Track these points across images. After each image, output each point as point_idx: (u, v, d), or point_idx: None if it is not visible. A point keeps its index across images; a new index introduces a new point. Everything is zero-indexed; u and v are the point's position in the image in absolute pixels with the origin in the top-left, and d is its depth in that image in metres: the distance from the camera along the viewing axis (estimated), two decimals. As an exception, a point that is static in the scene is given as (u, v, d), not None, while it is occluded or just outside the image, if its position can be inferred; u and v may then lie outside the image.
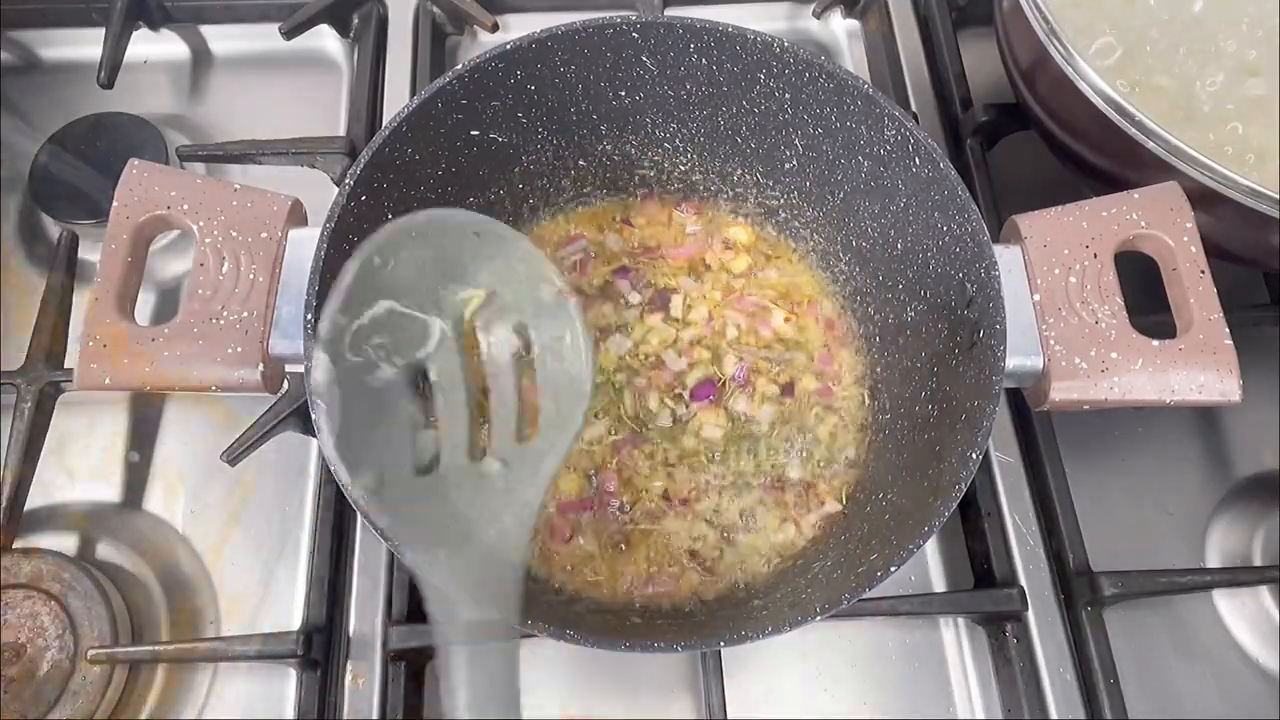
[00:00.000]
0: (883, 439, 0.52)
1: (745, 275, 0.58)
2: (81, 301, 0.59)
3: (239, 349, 0.44)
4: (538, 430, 0.40)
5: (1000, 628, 0.52)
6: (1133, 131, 0.47)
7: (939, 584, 0.55)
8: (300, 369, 0.46)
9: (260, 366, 0.44)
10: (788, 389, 0.54)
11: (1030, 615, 0.51)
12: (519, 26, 0.73)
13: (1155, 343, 0.45)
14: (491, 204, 0.54)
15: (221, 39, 0.73)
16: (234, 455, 0.53)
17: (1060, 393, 0.45)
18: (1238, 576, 0.53)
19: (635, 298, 0.57)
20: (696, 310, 0.56)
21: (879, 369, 0.54)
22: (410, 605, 0.51)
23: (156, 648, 0.51)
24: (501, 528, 0.37)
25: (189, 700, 0.52)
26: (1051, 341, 0.45)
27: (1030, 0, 0.51)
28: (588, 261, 0.58)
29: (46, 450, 0.55)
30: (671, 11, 0.70)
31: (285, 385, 0.50)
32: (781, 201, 0.57)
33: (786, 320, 0.56)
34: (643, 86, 0.51)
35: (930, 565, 0.55)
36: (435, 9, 0.71)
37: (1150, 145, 0.47)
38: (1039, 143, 0.59)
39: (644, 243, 0.58)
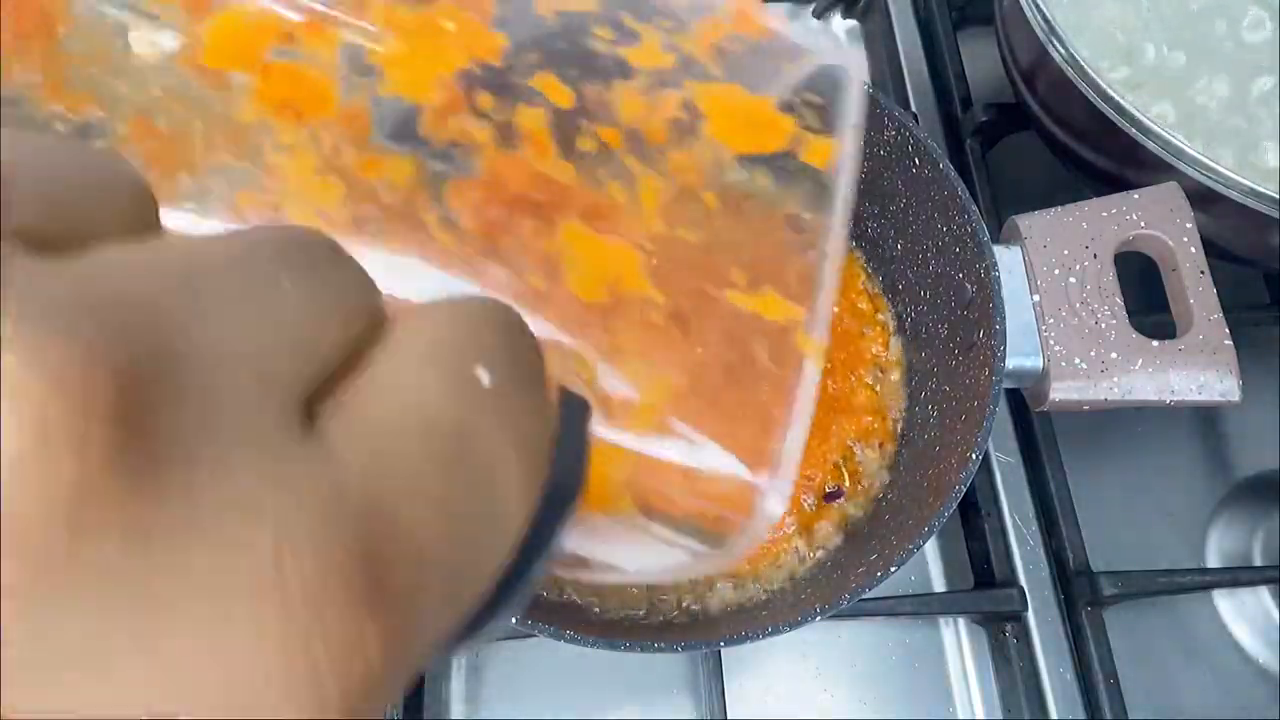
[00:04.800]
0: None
1: None
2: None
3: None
4: None
5: (1000, 628, 0.52)
6: (1133, 131, 0.47)
7: (939, 584, 0.55)
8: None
9: None
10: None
11: (1030, 615, 0.51)
12: (519, 26, 0.72)
13: (1155, 343, 0.45)
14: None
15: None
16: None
17: (1060, 393, 0.45)
18: (1238, 576, 0.53)
19: None
20: None
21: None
22: (410, 605, 0.51)
23: (157, 648, 0.51)
24: None
25: (189, 700, 0.52)
26: (1051, 342, 0.45)
27: (1030, 0, 0.51)
28: None
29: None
30: (671, 11, 0.70)
31: None
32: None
33: None
34: (643, 87, 0.51)
35: (930, 565, 0.55)
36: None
37: (1150, 145, 0.47)
38: (1039, 143, 0.59)
39: None
